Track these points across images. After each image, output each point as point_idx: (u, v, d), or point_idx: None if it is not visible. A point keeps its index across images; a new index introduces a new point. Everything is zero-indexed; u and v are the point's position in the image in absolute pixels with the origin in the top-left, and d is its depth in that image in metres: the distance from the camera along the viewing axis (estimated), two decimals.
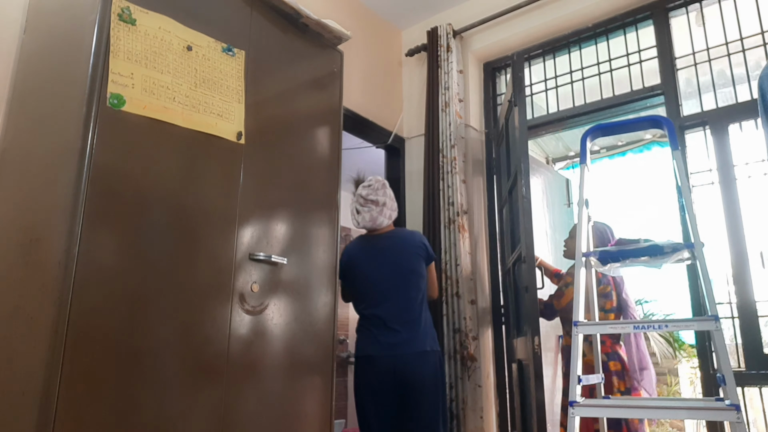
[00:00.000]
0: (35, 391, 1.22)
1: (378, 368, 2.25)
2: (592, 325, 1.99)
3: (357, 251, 2.47)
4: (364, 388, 2.29)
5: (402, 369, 2.23)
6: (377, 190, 2.48)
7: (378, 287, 2.36)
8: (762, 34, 2.50)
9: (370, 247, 2.46)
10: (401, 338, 2.27)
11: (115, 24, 1.46)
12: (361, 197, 2.49)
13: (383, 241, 2.46)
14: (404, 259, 2.40)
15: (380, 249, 2.44)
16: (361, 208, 2.48)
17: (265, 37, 1.91)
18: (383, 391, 2.25)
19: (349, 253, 2.48)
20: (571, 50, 3.08)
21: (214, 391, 1.53)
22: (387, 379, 2.24)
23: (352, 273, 2.42)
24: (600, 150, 4.70)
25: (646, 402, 2.08)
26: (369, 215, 2.44)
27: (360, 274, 2.42)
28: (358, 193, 2.52)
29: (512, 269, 2.76)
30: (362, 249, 2.47)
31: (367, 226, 2.46)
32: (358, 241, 2.52)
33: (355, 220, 2.49)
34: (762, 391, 2.40)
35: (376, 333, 2.30)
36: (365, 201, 2.47)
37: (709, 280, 1.76)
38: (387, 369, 2.24)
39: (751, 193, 2.44)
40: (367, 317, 2.36)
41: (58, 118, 1.47)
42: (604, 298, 2.78)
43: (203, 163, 1.62)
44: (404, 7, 3.39)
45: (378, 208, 2.45)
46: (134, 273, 1.40)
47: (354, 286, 2.44)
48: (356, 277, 2.42)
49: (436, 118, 3.06)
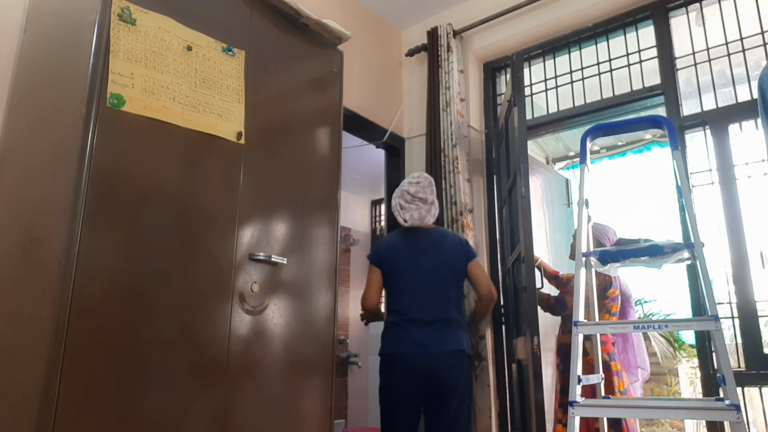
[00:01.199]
0: (35, 391, 1.22)
1: (408, 367, 2.20)
2: (592, 325, 1.99)
3: (398, 244, 2.41)
4: (392, 388, 2.22)
5: (432, 369, 2.18)
6: (425, 188, 2.43)
7: (416, 283, 2.31)
8: (762, 34, 2.50)
9: (411, 242, 2.40)
10: (434, 337, 2.22)
11: (115, 24, 1.46)
12: (408, 194, 2.43)
13: (426, 237, 2.41)
14: (446, 258, 2.36)
15: (422, 245, 2.38)
16: (407, 204, 2.42)
17: (265, 37, 1.91)
18: (411, 392, 2.19)
19: (389, 245, 2.42)
20: (571, 50, 3.08)
21: (214, 391, 1.53)
22: (416, 379, 2.19)
23: (391, 266, 2.37)
24: (600, 150, 4.69)
25: (646, 402, 2.08)
26: (417, 213, 2.39)
27: (400, 268, 2.35)
28: (404, 189, 2.45)
29: (512, 269, 2.76)
30: (403, 242, 2.41)
31: (414, 224, 2.39)
32: (398, 233, 2.46)
33: (400, 216, 2.41)
34: (762, 391, 2.40)
35: (410, 330, 2.23)
36: (413, 198, 2.42)
37: (709, 280, 1.76)
38: (417, 368, 2.19)
39: (751, 193, 2.44)
40: (401, 313, 2.29)
41: (58, 118, 1.47)
42: (612, 301, 2.77)
43: (203, 163, 1.62)
44: (404, 7, 3.39)
45: (426, 206, 2.41)
46: (134, 273, 1.40)
47: (391, 279, 2.37)
48: (396, 271, 2.36)
49: (437, 118, 3.06)
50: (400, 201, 2.45)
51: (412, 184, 2.44)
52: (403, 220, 2.41)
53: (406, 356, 2.21)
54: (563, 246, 3.45)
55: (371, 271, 2.43)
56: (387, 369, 2.27)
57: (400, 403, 2.21)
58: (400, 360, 2.22)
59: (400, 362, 2.22)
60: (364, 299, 2.42)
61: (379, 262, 2.41)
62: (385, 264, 2.39)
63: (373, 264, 2.43)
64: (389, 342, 2.29)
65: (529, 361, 2.26)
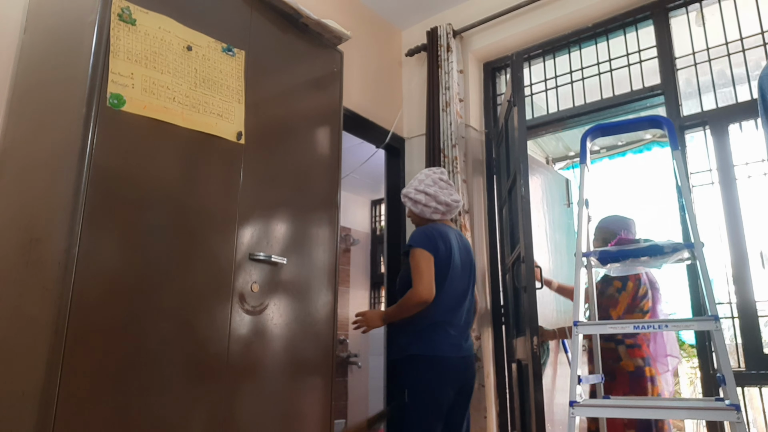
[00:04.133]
0: (35, 391, 1.22)
1: (449, 369, 2.18)
2: (592, 325, 1.99)
3: (447, 236, 2.25)
4: (435, 391, 2.14)
5: (464, 372, 2.23)
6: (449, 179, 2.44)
7: (460, 283, 2.28)
8: (762, 34, 2.50)
9: (456, 239, 2.31)
10: (466, 342, 2.28)
11: (115, 24, 1.46)
12: (442, 180, 2.36)
13: (459, 236, 2.38)
14: (473, 261, 2.39)
15: (460, 244, 2.33)
16: (449, 187, 2.36)
17: (265, 37, 1.91)
18: (448, 396, 2.17)
19: (441, 234, 2.23)
20: (571, 50, 3.08)
21: (214, 391, 1.53)
22: (454, 382, 2.18)
23: (443, 259, 2.20)
24: (600, 150, 4.69)
25: (646, 402, 2.08)
26: (458, 195, 2.37)
27: (449, 264, 2.22)
28: (435, 178, 2.35)
29: (512, 269, 2.76)
30: (450, 236, 2.27)
31: (458, 205, 2.35)
32: (444, 227, 2.30)
33: (446, 198, 2.31)
34: (762, 391, 2.40)
35: (452, 333, 2.21)
36: (447, 183, 2.38)
37: (709, 280, 1.76)
38: (456, 371, 2.19)
39: (751, 193, 2.44)
40: (442, 312, 2.20)
41: (58, 118, 1.47)
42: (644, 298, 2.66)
43: (203, 163, 1.62)
44: (404, 7, 3.39)
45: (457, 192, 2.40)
46: (134, 273, 1.40)
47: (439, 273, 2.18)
48: (446, 266, 2.21)
49: (436, 118, 3.06)
50: (435, 189, 2.32)
51: (436, 172, 2.40)
52: (453, 201, 2.33)
53: (449, 359, 2.18)
54: (563, 246, 3.45)
55: (427, 258, 2.14)
56: (429, 371, 2.15)
57: (442, 406, 2.16)
58: (445, 363, 2.18)
59: (444, 365, 2.18)
60: (426, 289, 2.10)
61: (436, 251, 2.18)
62: (441, 255, 2.19)
63: (430, 251, 2.16)
64: (430, 343, 2.17)
65: (529, 361, 2.26)
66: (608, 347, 2.54)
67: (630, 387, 2.44)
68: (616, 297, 2.64)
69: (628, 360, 2.48)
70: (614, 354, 2.54)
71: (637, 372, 2.46)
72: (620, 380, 2.46)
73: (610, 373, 2.43)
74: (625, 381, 2.41)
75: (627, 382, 2.42)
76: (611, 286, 2.68)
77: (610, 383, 2.44)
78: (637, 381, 2.44)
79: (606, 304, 2.63)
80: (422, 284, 2.11)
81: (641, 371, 2.50)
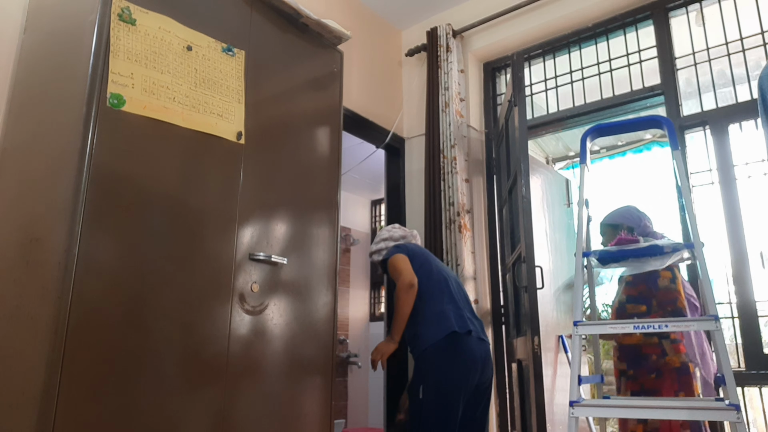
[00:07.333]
0: (35, 391, 1.22)
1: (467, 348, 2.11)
2: (592, 325, 1.99)
3: (420, 250, 2.47)
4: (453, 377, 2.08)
5: (483, 357, 2.18)
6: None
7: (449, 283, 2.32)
8: (762, 34, 2.50)
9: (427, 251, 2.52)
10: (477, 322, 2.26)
11: (115, 24, 1.46)
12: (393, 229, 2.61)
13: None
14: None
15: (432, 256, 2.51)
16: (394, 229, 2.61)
17: (265, 37, 1.91)
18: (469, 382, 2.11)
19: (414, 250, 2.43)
20: (571, 50, 3.08)
21: (214, 391, 1.53)
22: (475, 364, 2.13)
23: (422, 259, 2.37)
24: (600, 150, 4.69)
25: (646, 402, 2.07)
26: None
27: (434, 267, 2.36)
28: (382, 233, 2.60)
29: (512, 269, 2.76)
30: (423, 250, 2.50)
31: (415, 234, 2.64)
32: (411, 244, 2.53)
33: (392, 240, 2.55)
34: (762, 391, 2.40)
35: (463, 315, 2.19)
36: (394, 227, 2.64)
37: (709, 280, 1.77)
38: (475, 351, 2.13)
39: (751, 193, 2.44)
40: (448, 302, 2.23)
41: (58, 117, 1.47)
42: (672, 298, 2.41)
43: (203, 163, 1.62)
44: (404, 7, 3.39)
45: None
46: (134, 273, 1.40)
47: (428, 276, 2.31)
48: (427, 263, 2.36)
49: (436, 118, 3.06)
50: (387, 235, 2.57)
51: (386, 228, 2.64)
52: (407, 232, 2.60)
53: (465, 337, 2.12)
54: (563, 246, 3.45)
55: (402, 258, 2.34)
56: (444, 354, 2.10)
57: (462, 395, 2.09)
58: (465, 339, 2.12)
59: (465, 341, 2.12)
60: (408, 276, 2.24)
61: (407, 251, 2.39)
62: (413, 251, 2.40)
63: (402, 253, 2.38)
64: (440, 326, 2.13)
65: (530, 361, 2.26)
66: (651, 342, 2.37)
67: (679, 384, 2.31)
68: (674, 287, 2.38)
69: (674, 356, 2.37)
70: (658, 349, 2.40)
71: (683, 368, 2.35)
72: (667, 377, 2.31)
73: (655, 369, 2.34)
74: (673, 377, 2.29)
75: (676, 379, 2.30)
76: (659, 278, 2.39)
77: (657, 380, 2.29)
78: (684, 377, 2.32)
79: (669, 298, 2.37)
80: (402, 275, 2.26)
81: (686, 367, 2.33)
